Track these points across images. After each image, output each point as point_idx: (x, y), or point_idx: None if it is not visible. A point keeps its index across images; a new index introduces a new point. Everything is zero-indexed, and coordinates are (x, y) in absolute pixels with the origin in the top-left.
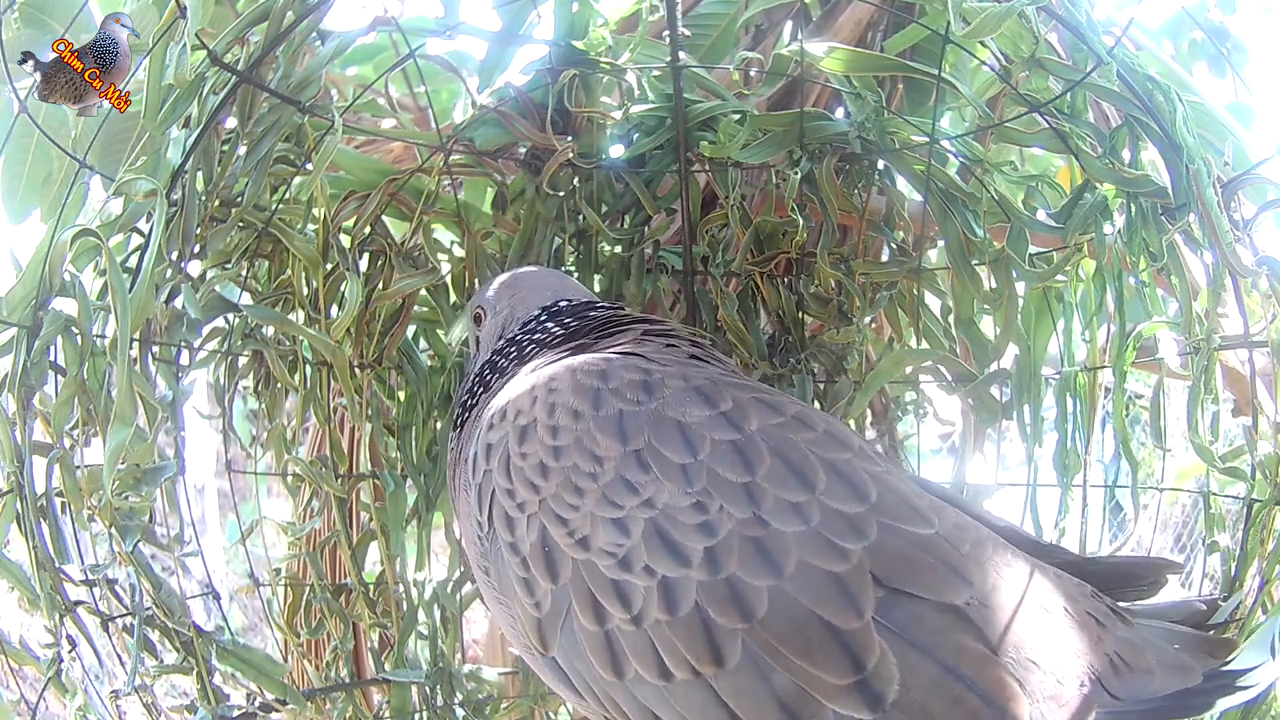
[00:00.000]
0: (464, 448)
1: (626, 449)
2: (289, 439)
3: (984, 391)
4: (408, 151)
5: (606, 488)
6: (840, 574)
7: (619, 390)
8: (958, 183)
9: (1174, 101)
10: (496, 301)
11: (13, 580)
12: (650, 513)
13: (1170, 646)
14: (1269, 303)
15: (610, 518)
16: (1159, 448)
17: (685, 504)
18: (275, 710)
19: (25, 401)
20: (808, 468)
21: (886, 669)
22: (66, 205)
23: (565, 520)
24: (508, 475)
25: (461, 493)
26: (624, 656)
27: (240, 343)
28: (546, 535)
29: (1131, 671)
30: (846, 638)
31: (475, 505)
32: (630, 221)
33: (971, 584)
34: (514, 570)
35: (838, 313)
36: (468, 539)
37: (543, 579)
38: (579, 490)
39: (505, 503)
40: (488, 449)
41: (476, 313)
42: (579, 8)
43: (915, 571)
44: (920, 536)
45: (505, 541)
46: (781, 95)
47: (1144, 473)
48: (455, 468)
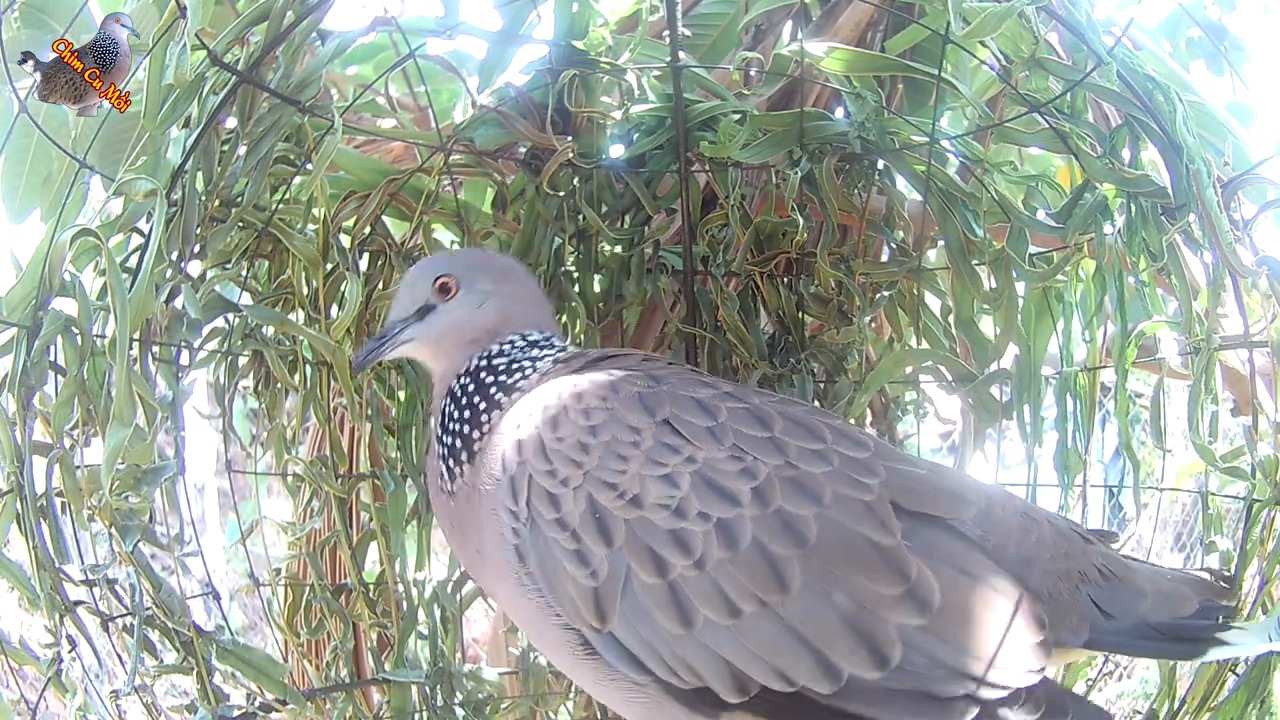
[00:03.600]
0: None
1: (656, 419)
2: (289, 439)
3: (984, 391)
4: (408, 151)
5: (649, 451)
6: (869, 502)
7: (631, 379)
8: (958, 183)
9: (1174, 101)
10: (474, 279)
11: (13, 580)
12: (694, 466)
13: (1165, 577)
14: (1269, 303)
15: (658, 475)
16: (1159, 447)
17: (723, 455)
18: (275, 710)
19: (25, 401)
20: (813, 425)
21: (926, 578)
22: (66, 205)
23: (613, 484)
24: (545, 458)
25: (462, 505)
26: (691, 604)
27: (240, 343)
28: (595, 503)
29: (1121, 583)
30: (888, 554)
31: (508, 497)
32: (630, 221)
33: (972, 502)
34: (561, 547)
35: (838, 313)
36: (480, 548)
37: (596, 546)
38: (622, 457)
39: (545, 483)
40: (518, 445)
41: (443, 280)
42: (579, 8)
43: (925, 497)
44: (918, 473)
45: (548, 519)
46: (781, 95)
47: (1144, 472)
48: (446, 487)
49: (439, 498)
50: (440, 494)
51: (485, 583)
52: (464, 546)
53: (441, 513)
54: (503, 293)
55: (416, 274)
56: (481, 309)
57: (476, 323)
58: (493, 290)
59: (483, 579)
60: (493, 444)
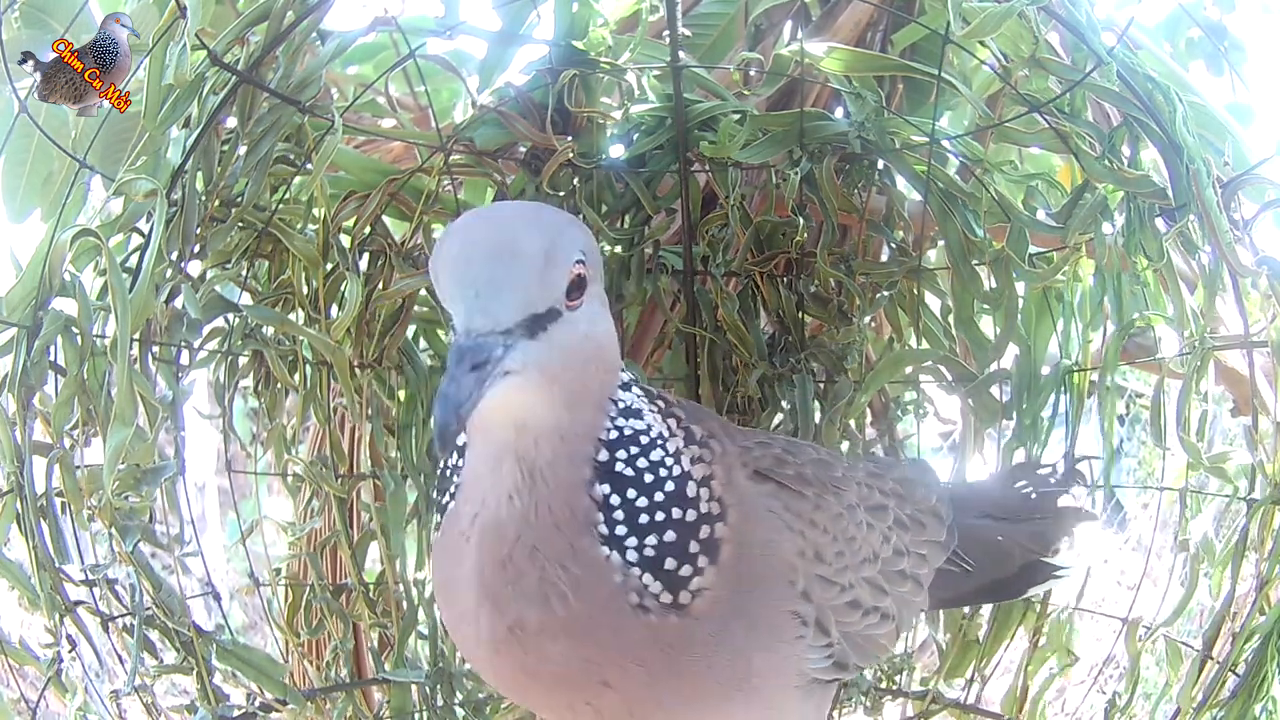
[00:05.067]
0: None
1: (834, 495)
2: (289, 439)
3: (984, 391)
4: (408, 151)
5: (852, 520)
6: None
7: (796, 460)
8: (958, 183)
9: (1174, 101)
10: (597, 259)
11: (13, 580)
12: (862, 507)
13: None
14: (1269, 303)
15: (866, 531)
16: (1159, 447)
17: (856, 487)
18: (275, 710)
19: (25, 401)
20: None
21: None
22: (66, 205)
23: (865, 559)
24: (833, 586)
25: (696, 627)
26: (918, 575)
27: (240, 343)
28: (869, 579)
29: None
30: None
31: (817, 636)
32: (630, 221)
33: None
34: (871, 624)
35: (838, 313)
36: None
37: (883, 601)
38: (853, 539)
39: (843, 599)
40: (804, 594)
41: (578, 273)
42: (579, 8)
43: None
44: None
45: (857, 619)
46: (781, 95)
47: (1144, 473)
48: (647, 602)
49: (613, 615)
50: (620, 612)
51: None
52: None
53: (628, 638)
54: (600, 297)
55: (529, 246)
56: (600, 330)
57: (597, 356)
58: (598, 294)
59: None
60: (753, 562)
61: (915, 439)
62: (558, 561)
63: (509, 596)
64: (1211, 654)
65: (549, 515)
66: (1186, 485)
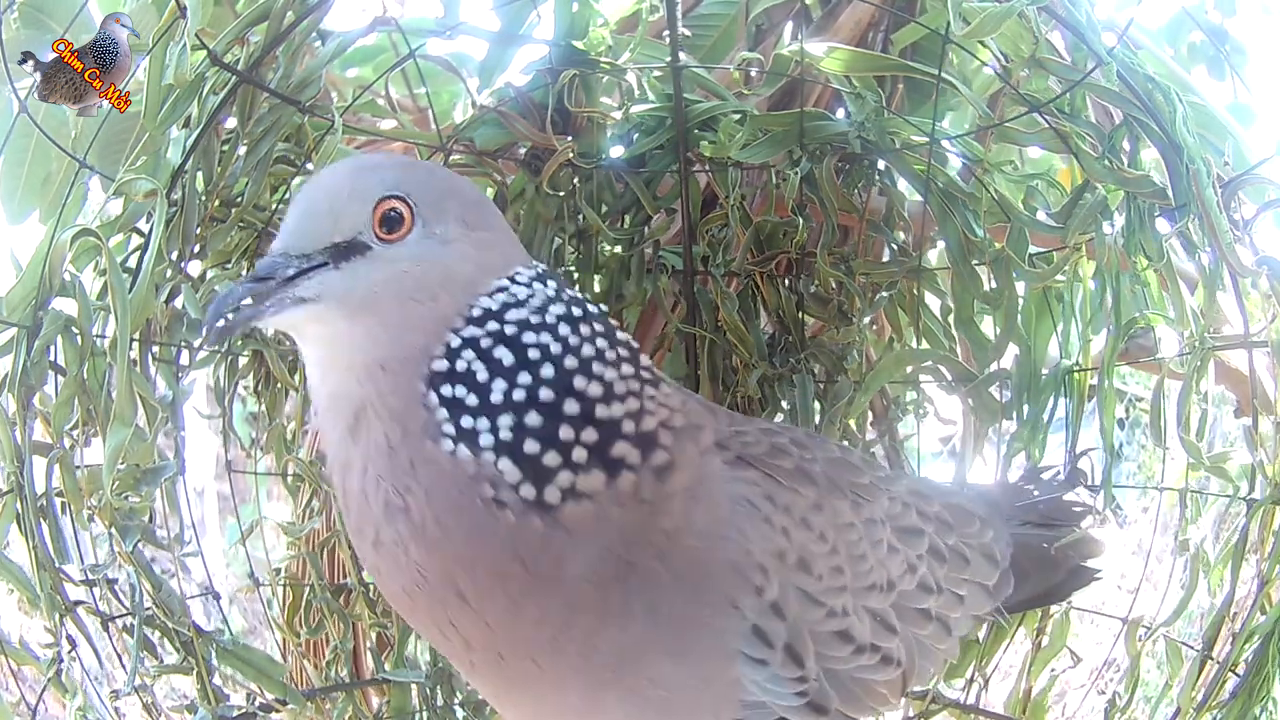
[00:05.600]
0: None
1: (849, 499)
2: (289, 439)
3: (984, 391)
4: (408, 151)
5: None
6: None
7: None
8: (958, 183)
9: (1174, 101)
10: (441, 211)
11: (13, 580)
12: (889, 525)
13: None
14: (1269, 303)
15: (885, 552)
16: (1159, 448)
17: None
18: (275, 710)
19: (25, 401)
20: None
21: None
22: (66, 205)
23: (873, 585)
24: (818, 605)
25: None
26: (948, 618)
27: (240, 343)
28: (871, 610)
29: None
30: (988, 547)
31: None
32: (630, 221)
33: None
34: (867, 667)
35: (838, 313)
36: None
37: (890, 641)
38: (862, 556)
39: (830, 625)
40: (774, 606)
41: (391, 205)
42: (579, 8)
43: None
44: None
45: (846, 655)
46: (781, 95)
47: (1144, 476)
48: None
49: (469, 514)
50: (466, 509)
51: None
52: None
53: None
54: (475, 241)
55: (338, 182)
56: (444, 265)
57: (436, 286)
58: (460, 237)
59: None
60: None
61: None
62: (405, 475)
63: (371, 522)
64: (1211, 654)
65: (384, 440)
66: (1187, 486)
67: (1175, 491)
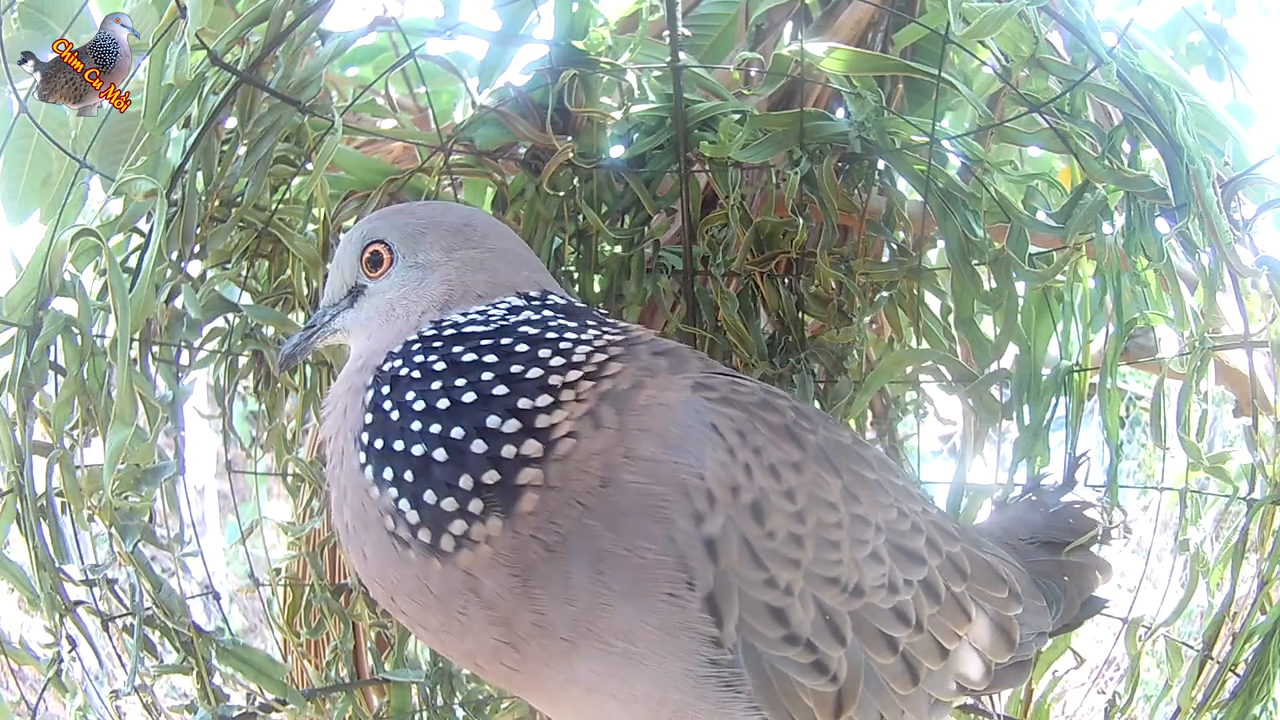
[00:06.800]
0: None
1: (843, 481)
2: (289, 439)
3: (984, 391)
4: (408, 151)
5: (850, 529)
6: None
7: (799, 421)
8: (958, 183)
9: (1174, 101)
10: (414, 246)
11: (13, 580)
12: (884, 534)
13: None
14: (1269, 303)
15: (866, 555)
16: (1159, 448)
17: (894, 515)
18: (275, 710)
19: (25, 401)
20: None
21: (1012, 581)
22: (66, 205)
23: (835, 579)
24: (759, 565)
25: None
26: (919, 664)
27: (240, 343)
28: (822, 604)
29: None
30: (994, 567)
31: (701, 618)
32: (630, 221)
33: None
34: (794, 664)
35: (838, 313)
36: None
37: (833, 649)
38: (834, 544)
39: (766, 596)
40: (709, 544)
41: (372, 249)
42: (579, 8)
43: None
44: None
45: (775, 639)
46: (781, 95)
47: (1144, 473)
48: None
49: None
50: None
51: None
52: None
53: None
54: (459, 261)
55: (343, 249)
56: (422, 285)
57: (412, 303)
58: (443, 260)
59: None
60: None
61: (915, 439)
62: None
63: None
64: (1211, 654)
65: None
66: (1187, 486)
67: (1175, 491)
